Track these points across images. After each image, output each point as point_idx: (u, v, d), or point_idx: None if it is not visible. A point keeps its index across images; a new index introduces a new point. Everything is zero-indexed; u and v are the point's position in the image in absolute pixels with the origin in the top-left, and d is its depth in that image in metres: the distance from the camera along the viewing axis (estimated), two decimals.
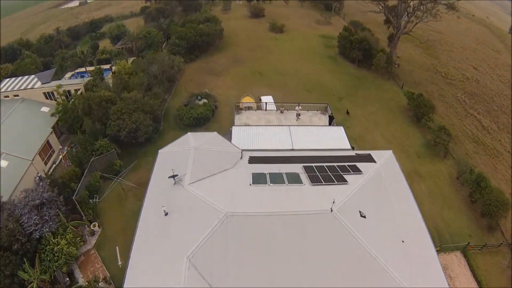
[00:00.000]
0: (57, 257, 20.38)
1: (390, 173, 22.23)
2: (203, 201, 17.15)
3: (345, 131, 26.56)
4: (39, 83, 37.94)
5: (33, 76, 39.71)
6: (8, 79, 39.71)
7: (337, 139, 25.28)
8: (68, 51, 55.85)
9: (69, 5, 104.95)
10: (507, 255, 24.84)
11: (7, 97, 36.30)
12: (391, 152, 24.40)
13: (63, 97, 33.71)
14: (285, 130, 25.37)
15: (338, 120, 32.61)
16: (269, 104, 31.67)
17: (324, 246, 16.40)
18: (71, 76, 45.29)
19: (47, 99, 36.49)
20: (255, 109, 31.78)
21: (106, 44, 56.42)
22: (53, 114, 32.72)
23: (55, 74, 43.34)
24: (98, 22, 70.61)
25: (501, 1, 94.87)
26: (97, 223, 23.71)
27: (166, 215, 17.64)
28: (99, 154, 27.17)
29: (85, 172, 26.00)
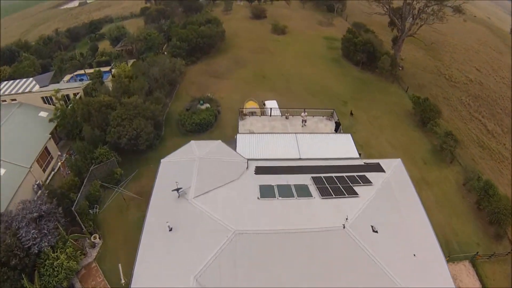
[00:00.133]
0: (57, 271, 19.62)
1: (399, 183, 21.82)
2: (210, 217, 16.46)
3: (352, 138, 25.88)
4: (37, 87, 36.85)
5: (31, 79, 38.63)
6: (5, 82, 38.62)
7: (345, 147, 24.62)
8: (67, 53, 54.82)
9: (69, 5, 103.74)
10: None
11: (5, 101, 35.38)
12: (400, 160, 23.97)
13: (61, 102, 32.82)
14: (291, 138, 24.62)
15: (344, 124, 31.88)
16: (274, 109, 30.92)
17: (336, 263, 15.80)
18: (70, 78, 44.29)
19: (45, 103, 35.56)
20: (259, 114, 31.03)
21: (105, 45, 55.32)
22: (51, 119, 31.85)
23: (53, 76, 42.33)
24: (97, 23, 69.35)
25: (501, 1, 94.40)
26: (97, 234, 22.93)
27: (170, 230, 16.92)
28: (99, 162, 26.32)
29: (85, 181, 25.15)
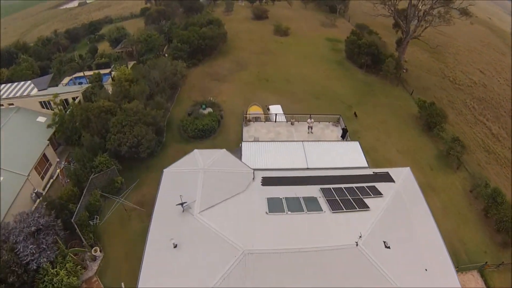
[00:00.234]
0: None
1: (409, 194, 21.21)
2: (217, 234, 15.73)
3: (361, 146, 25.16)
4: (35, 90, 35.94)
5: (29, 82, 37.65)
6: (3, 86, 37.66)
7: (353, 155, 23.87)
8: (66, 54, 53.82)
9: (69, 5, 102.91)
10: None
11: (2, 105, 34.49)
12: (409, 169, 23.30)
13: (60, 106, 31.94)
14: (298, 146, 23.82)
15: (349, 129, 31.10)
16: (279, 115, 30.15)
17: (348, 282, 15.11)
18: (69, 81, 43.35)
19: (43, 108, 34.63)
20: (264, 120, 30.26)
21: (105, 47, 54.31)
22: (49, 125, 30.97)
23: (52, 79, 41.31)
24: (97, 23, 68.36)
25: (501, 1, 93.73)
26: (98, 247, 22.17)
27: (175, 247, 16.19)
28: (99, 171, 25.46)
29: (84, 191, 24.29)
